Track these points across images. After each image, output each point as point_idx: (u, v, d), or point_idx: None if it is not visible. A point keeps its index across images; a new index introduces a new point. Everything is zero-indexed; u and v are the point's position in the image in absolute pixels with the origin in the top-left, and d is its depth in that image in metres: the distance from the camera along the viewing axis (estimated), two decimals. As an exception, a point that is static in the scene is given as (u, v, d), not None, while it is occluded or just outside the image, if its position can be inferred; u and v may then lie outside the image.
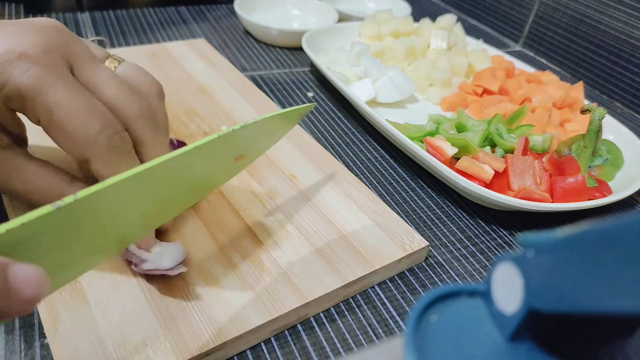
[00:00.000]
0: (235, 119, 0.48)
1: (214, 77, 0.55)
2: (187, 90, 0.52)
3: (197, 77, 0.54)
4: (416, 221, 0.42)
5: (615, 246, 0.12)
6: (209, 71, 0.56)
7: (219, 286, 0.31)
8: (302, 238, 0.36)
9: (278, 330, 0.31)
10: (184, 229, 0.35)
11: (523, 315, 0.16)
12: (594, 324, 0.16)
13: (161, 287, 0.31)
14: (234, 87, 0.53)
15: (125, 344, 0.27)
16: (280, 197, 0.39)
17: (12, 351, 0.28)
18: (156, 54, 0.58)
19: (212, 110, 0.49)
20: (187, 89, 0.52)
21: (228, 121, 0.48)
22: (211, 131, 0.46)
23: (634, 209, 0.47)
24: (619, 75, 0.66)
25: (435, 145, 0.43)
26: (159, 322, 0.29)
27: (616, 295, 0.12)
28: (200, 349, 0.27)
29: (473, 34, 0.82)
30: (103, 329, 0.28)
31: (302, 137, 0.47)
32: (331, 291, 0.32)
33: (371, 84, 0.55)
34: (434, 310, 0.17)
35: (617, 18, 0.65)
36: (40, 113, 0.26)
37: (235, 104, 0.50)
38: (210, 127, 0.46)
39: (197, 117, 0.48)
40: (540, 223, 0.44)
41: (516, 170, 0.42)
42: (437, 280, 0.37)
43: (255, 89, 0.54)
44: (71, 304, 0.29)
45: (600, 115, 0.46)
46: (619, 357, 0.16)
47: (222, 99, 0.51)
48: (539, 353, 0.16)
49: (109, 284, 0.30)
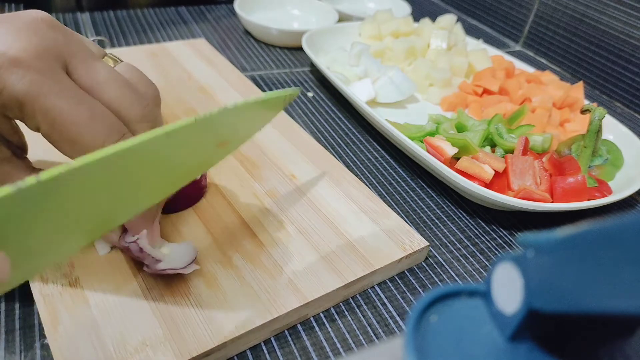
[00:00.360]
0: None
1: (214, 77, 0.55)
2: (187, 90, 0.52)
3: (197, 77, 0.54)
4: (416, 221, 0.42)
5: (615, 246, 0.12)
6: (209, 71, 0.56)
7: (218, 286, 0.31)
8: (302, 238, 0.36)
9: (278, 330, 0.31)
10: (184, 229, 0.35)
11: (523, 315, 0.16)
12: (594, 324, 0.16)
13: (161, 288, 0.31)
14: (234, 87, 0.53)
15: (125, 344, 0.27)
16: (280, 197, 0.39)
17: (12, 352, 0.28)
18: (156, 54, 0.58)
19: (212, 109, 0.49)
20: (187, 88, 0.52)
21: None
22: None
23: (634, 209, 0.47)
24: (619, 75, 0.66)
25: (435, 145, 0.43)
26: (159, 322, 0.29)
27: (616, 295, 0.12)
28: (200, 349, 0.27)
29: (473, 34, 0.82)
30: (103, 329, 0.28)
31: (302, 137, 0.47)
32: (331, 291, 0.32)
33: (371, 84, 0.55)
34: (434, 310, 0.17)
35: (617, 18, 0.65)
36: (41, 121, 0.25)
37: None
38: None
39: None
40: (540, 223, 0.44)
41: (516, 170, 0.42)
42: (437, 280, 0.37)
43: (255, 89, 0.54)
44: (71, 304, 0.29)
45: (600, 115, 0.46)
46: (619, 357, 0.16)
47: (222, 99, 0.51)
48: (538, 353, 0.16)
49: (110, 285, 0.30)
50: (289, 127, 0.48)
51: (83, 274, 0.31)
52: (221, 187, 0.39)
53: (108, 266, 0.32)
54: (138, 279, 0.31)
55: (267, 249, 0.34)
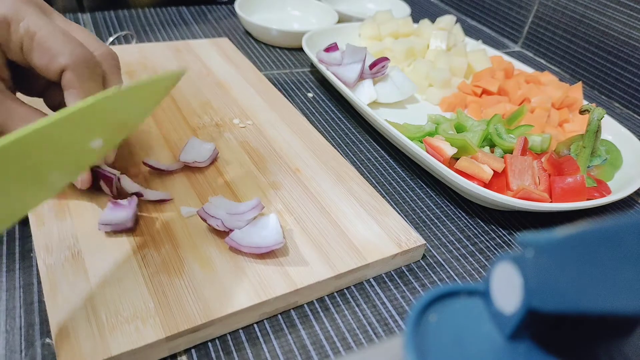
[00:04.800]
0: (247, 113, 0.49)
1: (232, 74, 0.56)
2: (204, 84, 0.53)
3: (216, 73, 0.56)
4: (415, 221, 0.42)
5: (614, 246, 0.12)
6: (228, 68, 0.57)
7: (212, 267, 0.32)
8: (298, 228, 0.36)
9: (269, 314, 0.32)
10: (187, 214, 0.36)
11: (522, 315, 0.16)
12: (593, 324, 0.16)
13: (158, 266, 0.32)
14: (251, 84, 0.55)
15: (118, 315, 0.29)
16: (282, 189, 0.40)
17: (13, 350, 0.28)
18: (180, 50, 0.60)
19: (226, 103, 0.50)
20: (205, 82, 0.54)
21: (241, 115, 0.49)
22: (223, 124, 0.47)
23: (633, 208, 0.47)
24: (618, 76, 0.66)
25: (434, 145, 0.43)
26: (151, 297, 0.30)
27: (614, 295, 0.12)
28: (187, 324, 0.29)
29: (472, 34, 0.82)
30: (98, 299, 0.29)
31: (311, 132, 0.48)
32: (321, 280, 0.33)
33: (372, 85, 0.55)
34: (433, 309, 0.18)
35: (616, 19, 0.65)
36: (24, 36, 0.31)
37: (250, 100, 0.52)
38: (222, 120, 0.48)
39: (212, 109, 0.49)
40: (539, 223, 0.44)
41: (515, 170, 0.42)
42: (436, 280, 0.37)
43: (272, 88, 0.55)
44: (71, 275, 0.31)
45: (599, 116, 0.46)
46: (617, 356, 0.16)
47: (238, 95, 0.52)
48: (537, 352, 0.16)
49: (110, 260, 0.32)
50: (299, 124, 0.49)
51: (85, 248, 0.33)
52: (227, 177, 0.40)
53: (109, 241, 0.33)
54: (137, 256, 0.32)
55: None
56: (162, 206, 0.37)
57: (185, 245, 0.34)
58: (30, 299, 0.31)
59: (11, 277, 0.32)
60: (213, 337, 0.30)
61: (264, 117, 0.49)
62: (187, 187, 0.38)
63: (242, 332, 0.31)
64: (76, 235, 0.33)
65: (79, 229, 0.34)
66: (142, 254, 0.33)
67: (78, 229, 0.34)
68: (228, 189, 0.39)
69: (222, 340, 0.30)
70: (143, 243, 0.33)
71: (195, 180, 0.39)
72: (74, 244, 0.33)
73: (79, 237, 0.33)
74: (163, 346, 0.28)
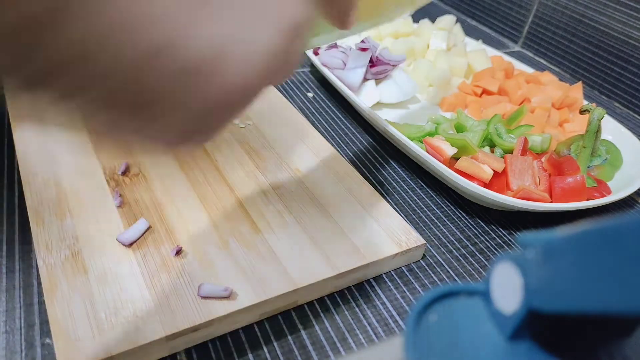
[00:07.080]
0: (247, 113, 0.50)
1: None
2: None
3: None
4: (415, 221, 0.42)
5: (615, 246, 0.12)
6: None
7: (212, 267, 0.32)
8: (298, 228, 0.36)
9: (268, 314, 0.32)
10: (185, 212, 0.36)
11: (522, 315, 0.16)
12: (593, 324, 0.16)
13: (158, 265, 0.32)
14: None
15: (117, 314, 0.29)
16: (283, 189, 0.40)
17: (13, 351, 0.28)
18: None
19: None
20: None
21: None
22: None
23: (633, 208, 0.47)
24: (618, 76, 0.66)
25: (434, 145, 0.43)
26: (151, 296, 0.30)
27: (615, 295, 0.12)
28: (187, 324, 0.29)
29: (472, 34, 0.82)
30: (98, 298, 0.29)
31: (310, 133, 0.48)
32: (321, 280, 0.33)
33: (375, 86, 0.55)
34: (433, 309, 0.18)
35: (616, 18, 0.65)
36: None
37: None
38: None
39: None
40: (539, 223, 0.44)
41: (515, 170, 0.42)
42: (436, 280, 0.37)
43: (272, 87, 0.55)
44: (71, 274, 0.31)
45: (599, 116, 0.46)
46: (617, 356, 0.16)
47: None
48: (538, 352, 0.16)
49: (110, 258, 0.32)
50: (299, 124, 0.49)
51: (85, 247, 0.33)
52: (227, 178, 0.40)
53: (109, 241, 0.33)
54: (137, 255, 0.32)
55: (263, 235, 0.35)
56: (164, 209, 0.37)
57: (184, 244, 0.34)
58: (30, 300, 0.31)
59: (11, 278, 0.32)
60: (213, 337, 0.30)
61: (264, 117, 0.49)
62: (187, 189, 0.39)
63: (242, 332, 0.31)
64: (76, 235, 0.33)
65: (79, 229, 0.34)
66: (142, 253, 0.33)
67: (78, 228, 0.34)
68: (228, 189, 0.39)
69: (222, 340, 0.30)
70: (143, 242, 0.33)
71: (196, 180, 0.39)
72: (74, 243, 0.33)
73: (79, 237, 0.33)
74: (163, 346, 0.28)
